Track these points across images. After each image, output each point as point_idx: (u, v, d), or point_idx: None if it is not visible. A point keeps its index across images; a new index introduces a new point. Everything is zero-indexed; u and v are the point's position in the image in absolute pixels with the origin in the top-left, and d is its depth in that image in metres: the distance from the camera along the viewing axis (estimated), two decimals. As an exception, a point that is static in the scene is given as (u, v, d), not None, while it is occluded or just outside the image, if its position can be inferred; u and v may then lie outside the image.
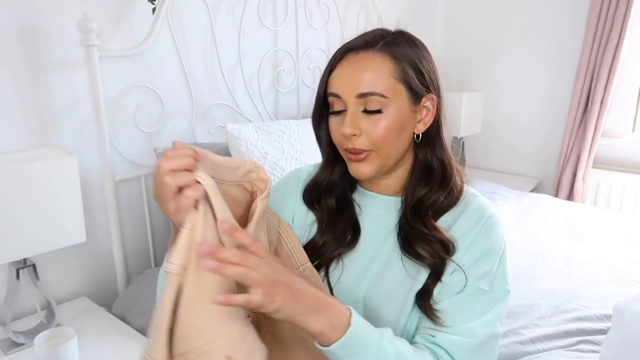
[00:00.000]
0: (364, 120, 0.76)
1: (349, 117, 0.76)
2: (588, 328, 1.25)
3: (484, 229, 0.79)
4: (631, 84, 2.44)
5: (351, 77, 0.76)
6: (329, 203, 0.85)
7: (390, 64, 0.75)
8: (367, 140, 0.76)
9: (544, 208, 2.10)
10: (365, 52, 0.76)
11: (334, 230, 0.84)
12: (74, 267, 1.50)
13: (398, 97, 0.76)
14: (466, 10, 2.84)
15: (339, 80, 0.77)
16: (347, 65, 0.77)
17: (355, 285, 0.82)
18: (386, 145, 0.77)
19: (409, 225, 0.80)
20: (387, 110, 0.76)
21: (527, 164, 2.79)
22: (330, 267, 0.83)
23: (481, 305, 0.77)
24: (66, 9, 1.37)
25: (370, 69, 0.75)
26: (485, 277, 0.78)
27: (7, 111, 1.30)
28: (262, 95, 1.95)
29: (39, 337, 1.08)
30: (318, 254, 0.83)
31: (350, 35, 0.82)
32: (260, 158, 1.57)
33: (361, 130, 0.76)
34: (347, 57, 0.77)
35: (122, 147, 1.54)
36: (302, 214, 0.88)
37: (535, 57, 2.64)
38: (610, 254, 1.67)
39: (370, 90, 0.74)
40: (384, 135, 0.76)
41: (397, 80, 0.76)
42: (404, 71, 0.76)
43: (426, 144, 0.82)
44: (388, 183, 0.85)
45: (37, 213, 1.15)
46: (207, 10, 1.70)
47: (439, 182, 0.81)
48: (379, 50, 0.76)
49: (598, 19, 2.33)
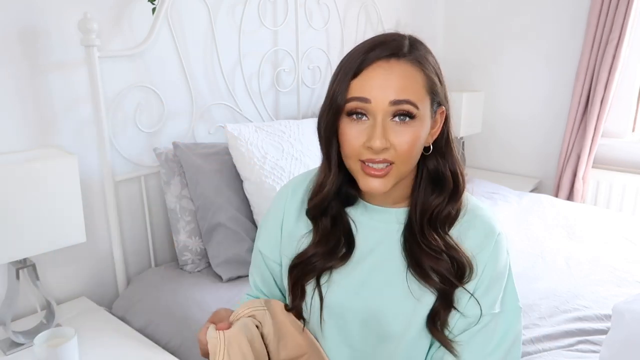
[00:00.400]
0: (391, 131, 0.72)
1: (379, 128, 0.71)
2: (588, 328, 1.25)
3: (494, 250, 0.78)
4: (631, 84, 2.44)
5: (384, 82, 0.71)
6: (324, 222, 0.82)
7: (421, 74, 0.73)
8: (394, 153, 0.72)
9: (544, 208, 2.10)
10: (397, 59, 0.72)
11: (326, 244, 0.81)
12: (74, 267, 1.50)
13: (425, 109, 0.74)
14: (466, 10, 2.84)
15: (369, 85, 0.72)
16: (379, 71, 0.72)
17: (350, 298, 0.80)
18: (408, 159, 0.74)
19: (417, 239, 0.77)
20: (415, 121, 0.72)
21: (527, 164, 2.79)
22: (321, 280, 0.81)
23: (498, 330, 0.77)
24: (66, 9, 1.37)
25: (405, 77, 0.72)
26: (498, 300, 0.78)
27: (7, 111, 1.30)
28: (262, 95, 1.95)
29: (39, 337, 1.08)
30: (308, 264, 0.81)
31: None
32: (260, 158, 1.57)
33: (390, 143, 0.72)
34: (377, 63, 0.72)
35: (122, 147, 1.54)
36: (290, 227, 0.87)
37: (535, 57, 2.64)
38: (610, 254, 1.67)
39: (406, 98, 0.71)
40: (410, 147, 0.72)
41: (425, 92, 0.73)
42: (432, 82, 0.74)
43: (437, 154, 0.80)
44: (389, 194, 0.80)
45: (37, 213, 1.15)
46: (207, 10, 1.70)
47: (450, 193, 0.79)
48: (410, 59, 0.73)
49: (598, 19, 2.33)
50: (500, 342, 0.77)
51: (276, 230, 0.89)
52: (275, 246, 0.90)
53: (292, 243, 0.85)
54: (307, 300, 0.82)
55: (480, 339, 0.77)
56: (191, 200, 1.56)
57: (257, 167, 1.55)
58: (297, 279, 0.82)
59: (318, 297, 0.81)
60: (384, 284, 0.79)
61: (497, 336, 0.77)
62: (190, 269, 1.55)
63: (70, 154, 1.25)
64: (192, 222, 1.56)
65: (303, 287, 0.82)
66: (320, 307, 0.81)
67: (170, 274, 1.53)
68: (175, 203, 1.55)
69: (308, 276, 0.81)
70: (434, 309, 0.77)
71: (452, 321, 0.78)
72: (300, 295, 0.83)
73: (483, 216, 0.81)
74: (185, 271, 1.55)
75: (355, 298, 0.80)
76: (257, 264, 0.94)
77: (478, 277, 0.77)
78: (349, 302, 0.80)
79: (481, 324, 0.77)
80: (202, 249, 1.56)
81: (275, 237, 0.89)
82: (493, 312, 0.77)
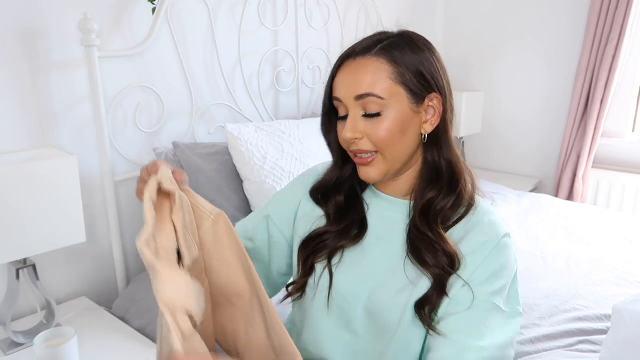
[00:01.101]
0: (364, 123, 0.77)
1: (349, 121, 0.78)
2: (588, 328, 1.25)
3: (497, 248, 0.77)
4: (631, 84, 2.44)
5: (349, 80, 0.77)
6: (337, 199, 0.87)
7: (387, 67, 0.76)
8: (370, 142, 0.78)
9: (544, 208, 2.10)
10: (362, 57, 0.78)
11: (340, 224, 0.84)
12: (74, 267, 1.50)
13: (397, 99, 0.77)
14: (466, 10, 2.84)
15: (339, 85, 0.79)
16: (346, 70, 0.79)
17: (358, 285, 0.82)
18: (389, 147, 0.78)
19: (417, 229, 0.79)
20: (386, 112, 0.76)
21: (527, 164, 2.79)
22: (333, 260, 0.84)
23: (496, 322, 0.75)
24: (66, 9, 1.37)
25: (367, 73, 0.76)
26: (500, 294, 0.76)
27: (7, 111, 1.30)
28: (262, 95, 1.95)
29: (39, 337, 1.08)
30: (321, 241, 0.84)
31: (350, 35, 0.83)
32: (260, 158, 1.57)
33: (362, 134, 0.78)
34: (347, 63, 0.79)
35: (122, 147, 1.54)
36: (308, 208, 0.90)
37: (535, 57, 2.64)
38: (610, 254, 1.67)
39: (367, 92, 0.76)
40: (385, 136, 0.77)
41: (394, 83, 0.76)
42: (401, 74, 0.76)
43: (434, 144, 0.81)
44: (398, 185, 0.85)
45: (37, 213, 1.15)
46: (207, 10, 1.70)
47: (447, 183, 0.80)
48: (376, 55, 0.77)
49: (598, 19, 2.33)
50: (495, 331, 0.75)
51: (293, 205, 0.92)
52: (286, 219, 0.92)
53: (308, 222, 0.88)
54: (316, 279, 0.84)
55: (472, 320, 0.75)
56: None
57: (257, 167, 1.55)
58: (309, 255, 0.85)
59: (328, 277, 0.83)
60: (388, 273, 0.81)
61: (493, 323, 0.75)
62: (190, 269, 1.55)
63: (70, 153, 1.25)
64: (192, 222, 1.55)
65: (313, 265, 0.85)
66: (329, 287, 0.83)
67: (170, 274, 1.53)
68: (175, 203, 1.55)
69: (320, 253, 0.84)
70: (426, 294, 0.77)
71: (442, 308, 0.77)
72: (309, 272, 0.85)
73: (491, 219, 0.81)
74: (185, 271, 1.55)
75: (362, 286, 0.81)
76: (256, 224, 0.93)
77: (476, 267, 0.76)
78: (356, 289, 0.82)
79: (477, 308, 0.75)
80: (202, 249, 1.56)
81: (289, 210, 0.92)
82: (494, 302, 0.76)
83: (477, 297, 0.75)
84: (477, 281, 0.76)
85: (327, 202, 0.87)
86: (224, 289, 0.76)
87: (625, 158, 2.51)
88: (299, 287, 0.86)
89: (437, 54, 0.81)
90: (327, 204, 0.87)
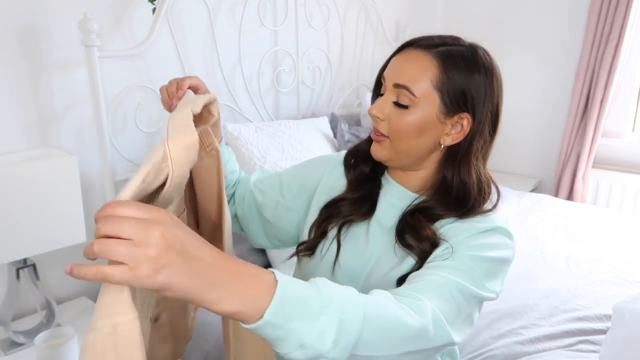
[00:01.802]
0: (391, 109, 0.80)
1: (379, 100, 0.82)
2: (588, 328, 1.25)
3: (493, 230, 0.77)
4: (631, 84, 2.44)
5: (397, 67, 0.80)
6: (362, 168, 0.90)
7: (435, 70, 0.77)
8: (387, 127, 0.81)
9: (544, 208, 2.10)
10: (420, 50, 0.79)
11: (356, 192, 0.88)
12: (74, 267, 1.50)
13: (428, 102, 0.78)
14: (466, 10, 2.84)
15: (390, 66, 0.82)
16: (402, 56, 0.81)
17: (359, 263, 0.84)
18: (401, 140, 0.80)
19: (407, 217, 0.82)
20: (413, 108, 0.78)
21: (527, 164, 2.80)
22: (342, 230, 0.86)
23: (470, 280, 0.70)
24: (66, 9, 1.37)
25: (415, 67, 0.78)
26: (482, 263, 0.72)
27: (7, 111, 1.30)
28: (262, 95, 1.95)
29: (39, 337, 1.08)
30: (337, 207, 0.87)
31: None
32: (260, 158, 1.57)
33: (385, 117, 0.80)
34: (406, 50, 0.81)
35: (122, 147, 1.54)
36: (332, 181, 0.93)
37: (535, 57, 2.64)
38: (610, 254, 1.67)
39: (404, 84, 0.77)
40: (402, 129, 0.79)
41: (433, 87, 0.77)
42: (443, 82, 0.77)
43: (452, 160, 0.81)
44: (408, 178, 0.87)
45: (37, 213, 1.15)
46: (207, 10, 1.70)
47: (455, 202, 0.80)
48: (432, 54, 0.78)
49: (598, 19, 2.33)
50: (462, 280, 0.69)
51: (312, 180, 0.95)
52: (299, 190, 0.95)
53: (328, 193, 0.91)
54: (326, 245, 0.87)
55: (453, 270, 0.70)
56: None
57: (257, 167, 1.55)
58: (324, 219, 0.88)
59: (335, 247, 0.86)
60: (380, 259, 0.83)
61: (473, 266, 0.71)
62: (190, 269, 1.55)
63: (70, 154, 1.25)
64: (192, 222, 1.55)
65: (326, 229, 0.87)
66: (336, 256, 0.85)
67: (170, 274, 1.53)
68: (175, 203, 1.55)
69: (333, 218, 0.87)
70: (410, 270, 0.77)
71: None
72: (320, 235, 0.88)
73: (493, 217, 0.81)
74: (185, 271, 1.55)
75: (364, 264, 0.84)
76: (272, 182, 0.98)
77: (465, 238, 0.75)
78: (359, 266, 0.84)
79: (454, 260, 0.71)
80: (202, 249, 1.56)
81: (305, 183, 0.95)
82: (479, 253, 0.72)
83: (457, 253, 0.72)
84: (462, 245, 0.74)
85: (355, 169, 0.91)
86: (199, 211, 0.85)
87: (625, 158, 2.51)
88: (309, 246, 0.89)
89: (496, 79, 0.83)
90: (354, 170, 0.91)
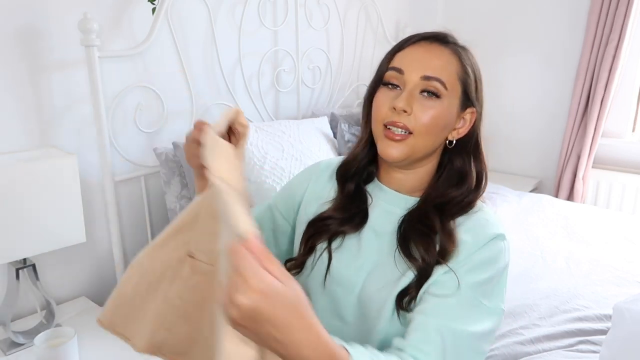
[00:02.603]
0: (417, 103, 0.78)
1: (405, 93, 0.77)
2: (588, 328, 1.25)
3: (489, 244, 0.77)
4: (631, 84, 2.44)
5: (421, 58, 0.79)
6: (349, 186, 0.88)
7: (457, 63, 0.79)
8: (414, 121, 0.77)
9: (544, 208, 2.10)
10: (439, 44, 0.80)
11: (344, 212, 0.86)
12: (74, 267, 1.50)
13: (454, 95, 0.79)
14: (466, 10, 2.84)
15: (407, 58, 0.79)
16: (420, 48, 0.80)
17: (354, 271, 0.82)
18: (426, 135, 0.78)
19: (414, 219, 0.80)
20: (441, 100, 0.78)
21: (527, 164, 2.79)
22: (333, 244, 0.85)
23: (476, 313, 0.73)
24: (66, 9, 1.37)
25: (441, 59, 0.78)
26: (483, 286, 0.74)
27: (7, 111, 1.30)
28: (262, 95, 1.95)
29: (39, 337, 1.08)
30: (324, 224, 0.85)
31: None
32: (260, 158, 1.57)
33: (412, 110, 0.77)
34: (421, 42, 0.80)
35: (122, 147, 1.54)
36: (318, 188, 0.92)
37: (535, 57, 2.64)
38: (610, 254, 1.67)
39: (437, 76, 0.77)
40: (430, 122, 0.77)
41: (458, 80, 0.79)
42: (467, 74, 0.80)
43: (464, 153, 0.84)
44: (405, 180, 0.85)
45: (37, 213, 1.15)
46: (207, 10, 1.70)
47: (470, 191, 0.82)
48: (450, 49, 0.80)
49: (598, 19, 2.33)
50: (474, 326, 0.72)
51: (298, 192, 0.94)
52: (291, 206, 0.95)
53: (315, 203, 0.90)
54: (314, 259, 0.85)
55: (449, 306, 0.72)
56: (191, 200, 1.56)
57: (257, 167, 1.55)
58: (311, 235, 0.86)
59: (326, 259, 0.84)
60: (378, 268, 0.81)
61: (473, 318, 0.72)
62: (190, 269, 1.55)
63: (70, 153, 1.26)
64: (192, 222, 1.55)
65: (314, 245, 0.86)
66: (327, 267, 0.84)
67: (170, 274, 1.53)
68: (175, 203, 1.55)
69: (321, 235, 0.85)
70: (408, 286, 0.76)
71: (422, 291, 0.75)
72: (308, 251, 0.86)
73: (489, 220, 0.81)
74: (185, 271, 1.55)
75: (357, 274, 0.82)
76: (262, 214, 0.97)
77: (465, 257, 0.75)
78: (352, 276, 0.82)
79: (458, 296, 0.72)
80: (202, 249, 1.56)
81: (294, 198, 0.95)
82: (476, 296, 0.73)
83: (460, 285, 0.73)
84: (462, 269, 0.74)
85: (343, 185, 0.88)
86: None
87: (625, 158, 2.51)
88: (297, 264, 0.88)
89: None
90: (342, 187, 0.88)
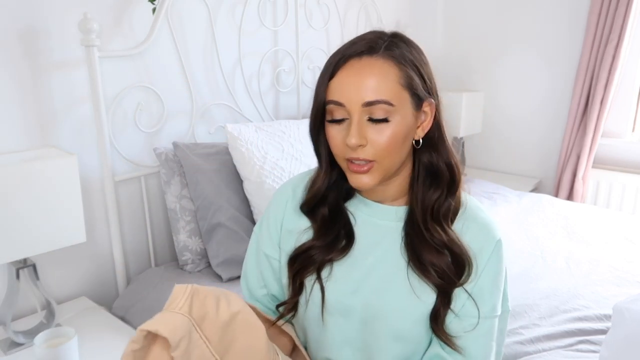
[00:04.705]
0: (369, 129, 0.72)
1: (354, 127, 0.72)
2: (588, 328, 1.25)
3: (494, 255, 0.78)
4: (631, 84, 2.44)
5: (355, 84, 0.71)
6: (322, 212, 0.82)
7: (396, 69, 0.72)
8: (373, 150, 0.73)
9: (544, 208, 2.10)
10: (369, 57, 0.72)
11: (326, 237, 0.81)
12: (74, 267, 1.50)
13: (403, 105, 0.73)
14: (466, 10, 2.84)
15: (341, 87, 0.72)
16: (351, 71, 0.72)
17: (350, 294, 0.80)
18: (390, 155, 0.74)
19: (420, 233, 0.77)
20: (393, 118, 0.72)
21: (527, 164, 2.79)
22: (322, 274, 0.81)
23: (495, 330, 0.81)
24: (66, 9, 1.37)
25: (376, 75, 0.71)
26: (499, 302, 0.81)
27: (7, 111, 1.30)
28: (262, 95, 1.95)
29: (39, 337, 1.08)
30: (308, 256, 0.81)
31: (350, 35, 0.80)
32: (260, 158, 1.57)
33: (367, 140, 0.72)
34: (350, 63, 0.72)
35: (122, 147, 1.54)
36: (291, 224, 0.86)
37: (535, 57, 2.64)
38: (610, 254, 1.67)
39: (377, 99, 0.70)
40: (389, 144, 0.72)
41: (402, 87, 0.72)
42: (409, 77, 0.72)
43: (430, 148, 0.79)
44: (387, 190, 0.81)
45: (37, 213, 1.15)
46: (207, 10, 1.70)
47: (448, 186, 0.79)
48: (383, 56, 0.72)
49: (598, 19, 2.33)
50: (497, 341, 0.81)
51: (277, 229, 0.88)
52: (276, 244, 0.88)
53: (291, 238, 0.85)
54: (307, 296, 0.81)
55: (483, 340, 0.79)
56: (191, 200, 1.56)
57: (257, 167, 1.55)
58: (296, 272, 0.81)
59: (319, 292, 0.80)
60: (385, 282, 0.79)
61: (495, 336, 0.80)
62: (190, 268, 1.55)
63: (70, 153, 1.25)
64: (192, 222, 1.56)
65: (302, 282, 0.81)
66: (322, 301, 0.80)
67: (170, 274, 1.53)
68: (175, 203, 1.55)
69: (308, 269, 0.81)
70: (435, 307, 0.77)
71: (447, 320, 0.78)
72: (299, 290, 0.82)
73: (484, 219, 0.81)
74: (185, 271, 1.55)
75: (355, 296, 0.79)
76: (261, 265, 0.91)
77: (476, 279, 0.78)
78: (349, 300, 0.80)
79: (484, 328, 0.79)
80: (202, 249, 1.56)
81: (276, 235, 0.88)
82: (495, 314, 0.80)
83: (483, 314, 0.78)
84: (480, 293, 0.78)
85: (315, 215, 0.83)
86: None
87: (625, 158, 2.51)
88: (290, 307, 0.83)
89: (425, 55, 0.78)
90: (314, 216, 0.83)
